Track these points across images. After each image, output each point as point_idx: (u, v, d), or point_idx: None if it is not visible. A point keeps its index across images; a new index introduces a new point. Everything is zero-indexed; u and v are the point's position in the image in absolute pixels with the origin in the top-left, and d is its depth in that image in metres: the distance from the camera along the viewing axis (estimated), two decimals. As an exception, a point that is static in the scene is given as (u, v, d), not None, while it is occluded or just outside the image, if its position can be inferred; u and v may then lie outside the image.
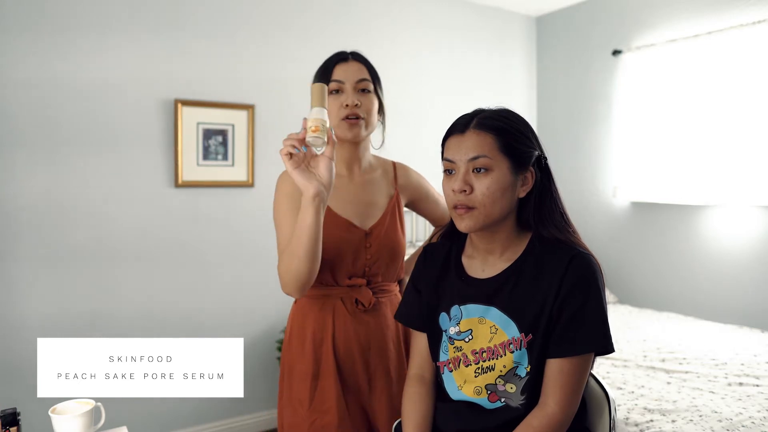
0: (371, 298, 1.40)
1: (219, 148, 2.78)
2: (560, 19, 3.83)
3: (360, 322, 1.40)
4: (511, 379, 1.12)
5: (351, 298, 1.40)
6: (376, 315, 1.42)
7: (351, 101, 1.37)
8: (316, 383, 1.37)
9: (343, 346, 1.38)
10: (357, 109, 1.38)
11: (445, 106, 3.50)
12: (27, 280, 2.39)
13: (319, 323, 1.39)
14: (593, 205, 3.63)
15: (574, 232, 1.17)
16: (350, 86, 1.39)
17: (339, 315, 1.39)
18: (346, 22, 3.17)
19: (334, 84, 1.39)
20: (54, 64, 2.41)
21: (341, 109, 1.38)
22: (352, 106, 1.37)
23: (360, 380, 1.39)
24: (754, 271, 2.86)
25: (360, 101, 1.39)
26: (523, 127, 1.15)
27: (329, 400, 1.35)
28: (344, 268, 1.38)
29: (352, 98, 1.38)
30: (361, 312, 1.40)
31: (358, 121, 1.39)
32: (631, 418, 1.78)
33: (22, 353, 2.37)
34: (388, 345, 1.43)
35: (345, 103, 1.37)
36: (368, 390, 1.40)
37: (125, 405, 2.54)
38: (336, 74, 1.40)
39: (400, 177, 1.56)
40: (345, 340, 1.38)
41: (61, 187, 2.45)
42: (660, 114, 3.18)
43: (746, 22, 2.81)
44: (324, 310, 1.39)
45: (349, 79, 1.40)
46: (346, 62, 1.42)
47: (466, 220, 1.12)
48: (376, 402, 1.40)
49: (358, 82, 1.40)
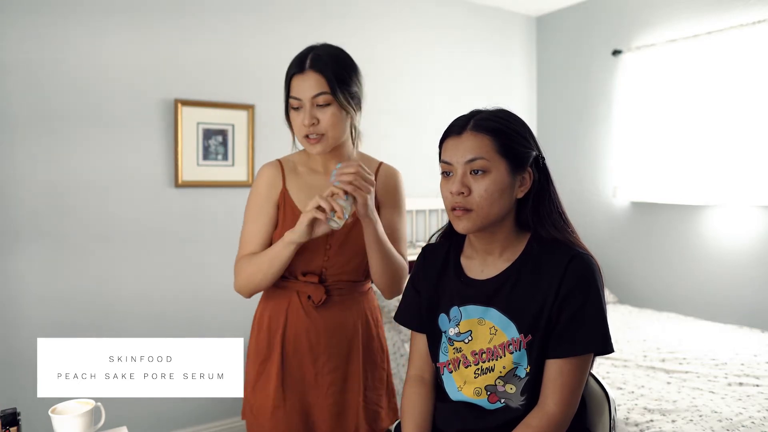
0: (322, 296, 1.40)
1: (219, 148, 2.78)
2: (560, 19, 3.83)
3: (311, 318, 1.41)
4: (510, 379, 1.12)
5: (305, 293, 1.42)
6: (331, 312, 1.42)
7: (308, 121, 1.33)
8: (263, 368, 1.43)
9: (293, 338, 1.41)
10: (314, 127, 1.34)
11: (445, 106, 3.50)
12: (27, 279, 2.39)
13: (275, 312, 1.43)
14: (593, 205, 3.63)
15: (572, 232, 1.17)
16: (307, 103, 1.33)
17: (293, 308, 1.42)
18: (346, 22, 3.17)
19: (292, 101, 1.36)
20: (54, 65, 2.41)
21: (301, 127, 1.35)
22: (309, 125, 1.33)
23: (306, 374, 1.41)
24: (754, 271, 2.86)
25: (318, 118, 1.34)
26: (520, 127, 1.15)
27: (269, 387, 1.40)
28: (300, 265, 1.40)
29: (309, 117, 1.33)
30: (313, 308, 1.41)
31: (318, 138, 1.35)
32: (631, 418, 1.78)
33: (22, 353, 2.37)
34: (340, 342, 1.42)
35: (303, 122, 1.34)
36: (315, 385, 1.41)
37: (125, 405, 2.54)
38: (293, 90, 1.35)
39: (382, 176, 1.49)
40: (295, 333, 1.41)
41: (61, 187, 2.45)
42: (660, 114, 3.18)
43: (746, 22, 2.81)
44: (281, 301, 1.43)
45: (305, 95, 1.33)
46: (302, 74, 1.34)
47: (464, 221, 1.12)
48: (322, 398, 1.41)
49: (314, 97, 1.33)
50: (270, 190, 1.42)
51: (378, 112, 3.32)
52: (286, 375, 1.41)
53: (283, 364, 1.41)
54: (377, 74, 3.30)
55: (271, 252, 1.34)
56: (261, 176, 1.44)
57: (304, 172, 1.46)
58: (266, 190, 1.43)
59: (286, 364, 1.41)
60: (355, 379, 1.44)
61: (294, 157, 1.49)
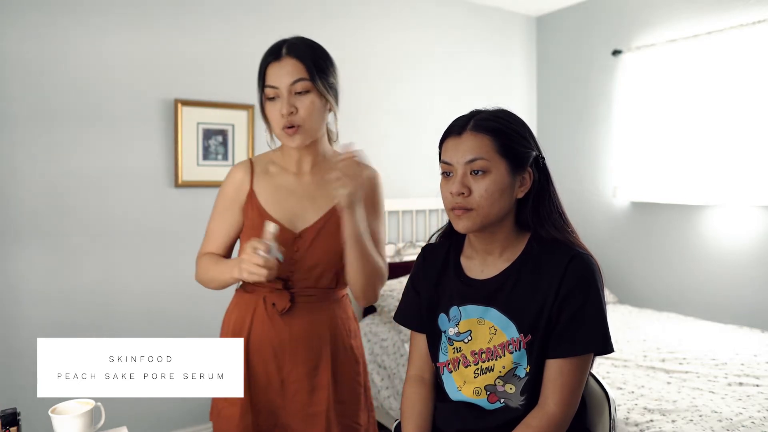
0: (286, 303, 1.35)
1: (219, 148, 2.78)
2: (560, 19, 3.83)
3: (275, 324, 1.36)
4: (510, 379, 1.12)
5: (271, 300, 1.37)
6: (296, 320, 1.37)
7: (286, 109, 1.27)
8: None
9: (257, 344, 1.37)
10: (293, 117, 1.28)
11: (445, 106, 3.50)
12: (27, 279, 2.40)
13: (239, 317, 1.40)
14: (593, 205, 3.63)
15: (572, 232, 1.17)
16: (285, 90, 1.27)
17: (258, 314, 1.38)
18: (346, 22, 3.17)
19: (268, 90, 1.29)
20: (54, 64, 2.41)
21: (279, 119, 1.29)
22: (287, 114, 1.27)
23: (273, 380, 1.37)
24: (754, 271, 2.86)
25: (296, 106, 1.28)
26: (520, 127, 1.15)
27: None
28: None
29: (287, 106, 1.27)
30: (277, 315, 1.36)
31: (296, 129, 1.29)
32: (631, 418, 1.78)
33: (22, 353, 2.37)
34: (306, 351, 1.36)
35: (281, 111, 1.28)
36: (281, 391, 1.37)
37: (125, 405, 2.54)
38: (269, 78, 1.29)
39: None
40: (259, 339, 1.37)
41: (61, 187, 2.45)
42: (660, 114, 3.18)
43: (746, 22, 2.81)
44: (247, 306, 1.40)
45: (283, 83, 1.27)
46: (278, 61, 1.28)
47: (464, 221, 1.12)
48: (289, 404, 1.38)
49: (292, 84, 1.27)
50: (236, 192, 1.39)
51: (378, 112, 3.32)
52: (252, 381, 1.37)
53: (248, 370, 1.36)
54: (377, 74, 3.31)
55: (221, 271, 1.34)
56: (228, 177, 1.41)
57: (276, 172, 1.41)
58: (232, 192, 1.40)
59: (252, 371, 1.37)
60: (323, 391, 1.37)
61: (268, 156, 1.44)
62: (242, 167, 1.42)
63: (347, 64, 3.18)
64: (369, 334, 2.88)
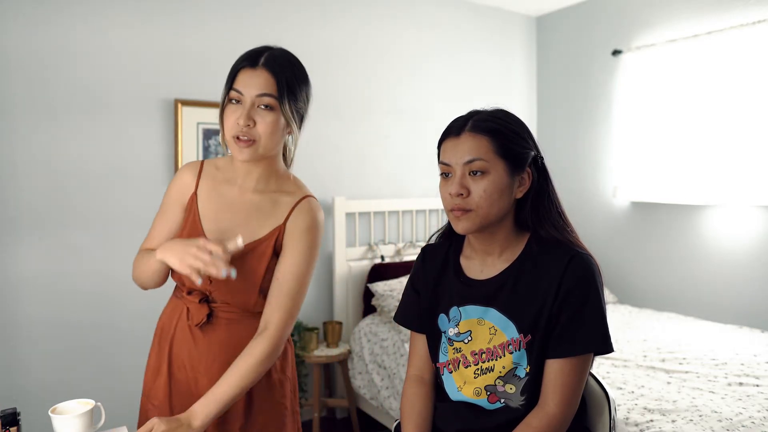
0: (202, 317, 1.29)
1: (219, 148, 2.78)
2: (560, 19, 3.83)
3: (195, 336, 1.32)
4: (510, 379, 1.12)
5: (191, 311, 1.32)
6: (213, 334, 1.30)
7: (243, 120, 1.19)
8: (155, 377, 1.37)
9: (177, 352, 1.34)
10: (248, 129, 1.20)
11: (445, 106, 3.51)
12: (27, 280, 2.39)
13: (167, 323, 1.37)
14: (593, 205, 3.63)
15: (572, 232, 1.17)
16: (249, 100, 1.20)
17: (181, 323, 1.34)
18: (346, 23, 3.17)
19: (233, 93, 1.22)
20: (54, 65, 2.41)
21: (235, 125, 1.20)
22: (244, 126, 1.19)
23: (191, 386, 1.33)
24: (754, 271, 2.86)
25: (255, 120, 1.20)
26: (518, 127, 1.15)
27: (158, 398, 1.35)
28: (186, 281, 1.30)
29: (246, 117, 1.19)
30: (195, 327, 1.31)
31: (249, 143, 1.21)
32: (631, 418, 1.78)
33: (22, 353, 2.37)
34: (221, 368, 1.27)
35: (237, 120, 1.20)
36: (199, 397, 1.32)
37: (125, 405, 2.55)
38: (238, 82, 1.22)
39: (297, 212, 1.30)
40: (179, 348, 1.34)
41: (61, 187, 2.45)
42: (660, 114, 3.18)
43: (746, 22, 2.81)
44: (174, 313, 1.37)
45: (249, 92, 1.20)
46: (252, 69, 1.22)
47: (463, 221, 1.12)
48: None
49: (258, 96, 1.20)
50: (180, 193, 1.35)
51: (378, 112, 3.32)
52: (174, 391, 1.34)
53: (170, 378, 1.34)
54: (377, 74, 3.31)
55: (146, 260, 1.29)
56: (177, 176, 1.37)
57: (220, 181, 1.33)
58: (176, 191, 1.35)
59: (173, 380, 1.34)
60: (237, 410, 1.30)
61: (218, 162, 1.37)
62: (191, 168, 1.37)
63: (347, 64, 3.19)
64: (369, 334, 2.88)
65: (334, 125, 3.15)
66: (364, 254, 3.23)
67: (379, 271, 3.12)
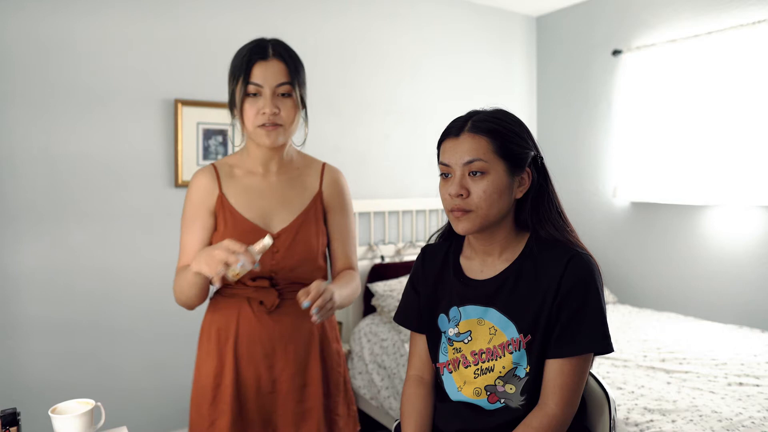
0: (275, 300, 1.35)
1: (219, 148, 2.78)
2: (560, 19, 3.84)
3: (264, 324, 1.35)
4: (510, 380, 1.12)
5: (257, 299, 1.36)
6: (284, 316, 1.37)
7: (270, 109, 1.28)
8: (218, 382, 1.36)
9: (246, 346, 1.35)
10: (275, 117, 1.30)
11: (445, 106, 3.51)
12: (27, 280, 2.39)
13: (224, 322, 1.37)
14: (593, 205, 3.63)
15: (571, 232, 1.17)
16: (269, 91, 1.29)
17: (244, 315, 1.36)
18: (346, 23, 3.17)
19: (251, 87, 1.29)
20: (54, 65, 2.41)
21: (258, 116, 1.30)
22: (270, 114, 1.29)
23: (263, 383, 1.36)
24: (754, 271, 2.86)
25: (279, 107, 1.30)
26: (518, 127, 1.15)
27: (224, 403, 1.34)
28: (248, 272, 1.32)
29: (271, 106, 1.29)
30: (266, 313, 1.35)
31: (276, 128, 1.31)
32: (631, 418, 1.78)
33: (22, 353, 2.37)
34: (296, 347, 1.37)
35: (262, 110, 1.29)
36: (273, 391, 1.36)
37: (125, 405, 2.55)
38: (254, 76, 1.29)
39: (328, 179, 1.45)
40: (248, 341, 1.35)
41: (61, 187, 2.45)
42: (660, 114, 3.18)
43: (746, 22, 2.81)
44: (230, 310, 1.37)
45: (268, 83, 1.29)
46: (265, 61, 1.29)
47: (463, 222, 1.12)
48: (280, 405, 1.37)
49: (278, 86, 1.29)
50: (204, 197, 1.37)
51: (378, 112, 3.32)
52: (242, 386, 1.35)
53: (237, 375, 1.34)
54: (377, 74, 3.31)
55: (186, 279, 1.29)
56: (193, 184, 1.38)
57: (241, 175, 1.40)
58: (199, 198, 1.37)
59: (241, 376, 1.35)
60: (315, 385, 1.39)
61: (229, 160, 1.43)
62: (205, 172, 1.39)
63: (348, 64, 3.19)
64: (369, 334, 2.88)
65: (333, 125, 3.15)
66: (364, 254, 3.23)
67: (379, 271, 3.12)
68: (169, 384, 2.68)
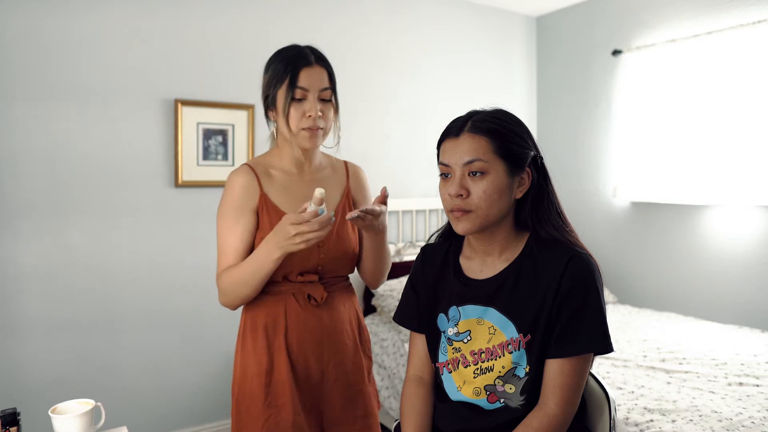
0: (323, 293, 1.40)
1: (219, 148, 2.78)
2: (560, 19, 3.84)
3: (313, 316, 1.40)
4: (510, 379, 1.12)
5: (303, 294, 1.40)
6: (329, 308, 1.43)
7: (315, 112, 1.35)
8: (270, 379, 1.37)
9: (296, 341, 1.38)
10: (320, 120, 1.36)
11: (445, 106, 3.51)
12: (27, 281, 2.39)
13: (271, 319, 1.39)
14: (593, 205, 3.63)
15: (571, 232, 1.17)
16: (314, 95, 1.35)
17: (291, 310, 1.39)
18: (346, 23, 3.17)
19: (298, 92, 1.34)
20: (54, 65, 2.41)
21: (304, 119, 1.35)
22: (316, 117, 1.35)
23: (312, 372, 1.40)
24: (754, 271, 2.86)
25: (322, 111, 1.37)
26: (517, 127, 1.15)
27: (283, 396, 1.35)
28: (296, 267, 1.38)
29: (316, 109, 1.35)
30: (313, 307, 1.40)
31: (318, 131, 1.37)
32: (631, 418, 1.78)
33: (22, 353, 2.37)
34: (341, 337, 1.44)
35: (308, 113, 1.34)
36: (321, 381, 1.41)
37: (125, 405, 2.55)
38: (301, 80, 1.35)
39: (352, 174, 1.54)
40: (298, 335, 1.38)
41: (61, 187, 2.45)
42: (660, 114, 3.18)
43: (746, 22, 2.81)
44: (276, 306, 1.39)
45: (314, 87, 1.35)
46: (310, 67, 1.36)
47: (463, 222, 1.12)
48: (328, 392, 1.42)
49: (322, 91, 1.36)
50: (246, 197, 1.38)
51: (379, 111, 3.32)
52: (297, 380, 1.38)
53: (293, 369, 1.37)
54: (378, 74, 3.31)
55: (255, 264, 1.30)
56: (234, 184, 1.39)
57: (278, 175, 1.43)
58: (241, 198, 1.38)
59: (295, 371, 1.38)
60: (360, 370, 1.46)
61: (262, 160, 1.46)
62: (244, 172, 1.40)
63: (348, 64, 3.19)
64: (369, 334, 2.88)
65: (334, 125, 3.15)
66: (364, 254, 3.23)
67: (379, 271, 3.11)
68: (169, 384, 2.68)
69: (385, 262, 1.50)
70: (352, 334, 1.48)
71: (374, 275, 1.51)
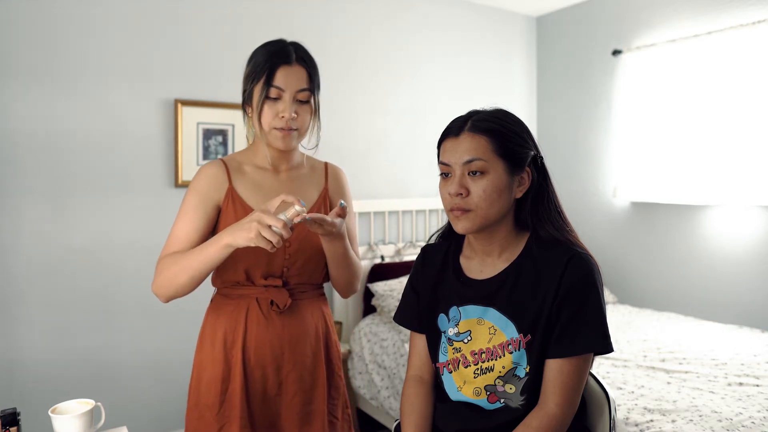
0: (287, 300, 1.34)
1: (219, 148, 2.78)
2: (560, 19, 3.83)
3: (273, 324, 1.34)
4: (510, 379, 1.12)
5: (266, 299, 1.34)
6: (293, 317, 1.36)
7: (288, 114, 1.29)
8: (225, 387, 1.32)
9: (254, 349, 1.32)
10: (293, 121, 1.31)
11: (445, 105, 3.51)
12: (27, 281, 2.39)
13: (231, 325, 1.34)
14: (593, 205, 3.63)
15: (571, 231, 1.17)
16: (290, 96, 1.29)
17: (252, 316, 1.33)
18: (346, 23, 3.17)
19: (273, 90, 1.29)
20: (54, 64, 2.41)
21: (276, 119, 1.30)
22: (289, 118, 1.29)
23: (270, 385, 1.34)
24: (754, 271, 2.86)
25: (297, 112, 1.31)
26: (517, 127, 1.15)
27: (234, 408, 1.31)
28: (260, 268, 1.33)
29: (290, 110, 1.29)
30: (276, 314, 1.34)
31: (291, 132, 1.32)
32: (631, 418, 1.78)
33: (22, 353, 2.37)
34: (304, 349, 1.37)
35: (281, 114, 1.29)
36: (279, 394, 1.35)
37: (125, 405, 2.55)
38: (278, 80, 1.29)
39: (331, 175, 1.49)
40: (256, 344, 1.32)
41: (61, 186, 2.45)
42: (660, 114, 3.18)
43: (746, 22, 2.81)
44: (237, 311, 1.34)
45: (290, 87, 1.29)
46: (289, 66, 1.30)
47: (463, 221, 1.12)
48: (285, 408, 1.35)
49: (299, 92, 1.30)
50: (212, 188, 1.34)
51: (378, 111, 3.32)
52: (252, 391, 1.32)
53: (246, 380, 1.31)
54: (378, 74, 3.31)
55: (202, 253, 1.21)
56: (202, 175, 1.35)
57: (251, 171, 1.39)
58: (207, 187, 1.33)
59: (249, 380, 1.32)
60: (321, 388, 1.39)
61: (237, 157, 1.42)
62: (215, 165, 1.37)
63: (348, 64, 3.19)
64: (369, 334, 2.88)
65: (333, 125, 3.15)
66: (364, 254, 3.23)
67: (379, 271, 3.12)
68: (169, 384, 2.68)
69: (351, 270, 1.40)
70: (314, 346, 1.39)
71: (340, 284, 1.42)
